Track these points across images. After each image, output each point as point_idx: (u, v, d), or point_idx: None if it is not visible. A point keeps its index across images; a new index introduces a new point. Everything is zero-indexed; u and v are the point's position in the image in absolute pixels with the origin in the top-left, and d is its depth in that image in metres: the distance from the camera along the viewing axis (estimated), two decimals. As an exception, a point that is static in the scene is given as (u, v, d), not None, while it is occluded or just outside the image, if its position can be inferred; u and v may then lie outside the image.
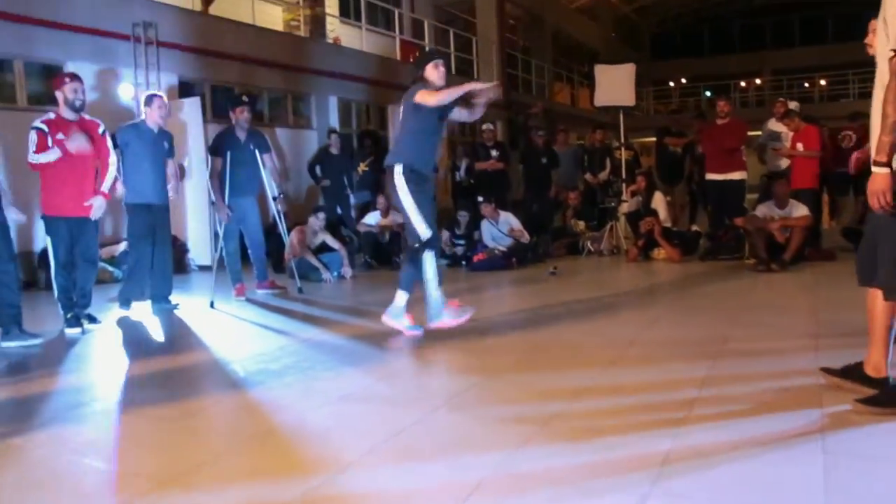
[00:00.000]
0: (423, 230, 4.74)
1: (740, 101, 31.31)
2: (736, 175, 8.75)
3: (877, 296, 3.02)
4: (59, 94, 5.46)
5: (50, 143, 5.28)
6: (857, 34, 3.96)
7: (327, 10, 14.46)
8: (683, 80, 34.45)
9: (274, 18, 14.08)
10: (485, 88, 4.78)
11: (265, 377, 3.91)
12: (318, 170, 11.12)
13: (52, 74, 8.60)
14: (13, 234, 5.17)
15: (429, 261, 4.78)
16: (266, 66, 11.77)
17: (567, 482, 2.40)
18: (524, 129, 12.42)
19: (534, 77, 23.03)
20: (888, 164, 2.81)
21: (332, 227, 8.80)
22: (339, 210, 10.44)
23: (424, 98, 4.65)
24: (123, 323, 5.80)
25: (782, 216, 7.69)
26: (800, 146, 8.64)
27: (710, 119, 9.91)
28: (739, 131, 8.87)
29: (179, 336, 5.36)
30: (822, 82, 31.48)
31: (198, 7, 11.51)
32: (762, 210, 7.87)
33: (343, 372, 3.99)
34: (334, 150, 11.16)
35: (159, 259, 6.25)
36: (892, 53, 2.76)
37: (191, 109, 9.30)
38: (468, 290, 7.24)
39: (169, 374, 4.19)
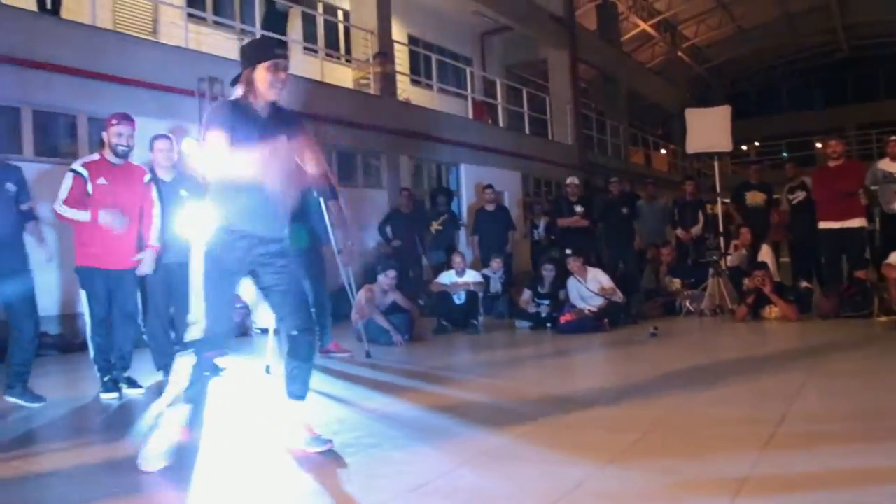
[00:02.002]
0: (198, 320, 3.10)
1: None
2: (855, 222, 7.76)
3: None
4: (104, 136, 4.97)
5: (89, 189, 4.77)
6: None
7: (398, 68, 14.12)
8: (756, 143, 33.13)
9: (343, 76, 13.77)
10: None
11: (318, 458, 3.10)
12: (388, 230, 10.57)
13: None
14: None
15: (181, 368, 3.11)
16: (336, 123, 11.34)
17: None
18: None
19: (609, 138, 22.31)
20: None
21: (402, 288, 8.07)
22: (410, 273, 9.80)
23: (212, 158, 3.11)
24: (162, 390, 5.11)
25: (922, 266, 6.63)
26: (928, 186, 7.63)
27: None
28: (856, 173, 7.93)
29: (221, 405, 4.62)
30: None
31: (266, 64, 11.20)
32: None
33: (416, 452, 3.15)
34: (405, 210, 10.61)
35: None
36: None
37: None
38: (556, 355, 6.37)
39: (195, 451, 3.43)
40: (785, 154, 30.46)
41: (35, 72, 7.74)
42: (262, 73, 3.11)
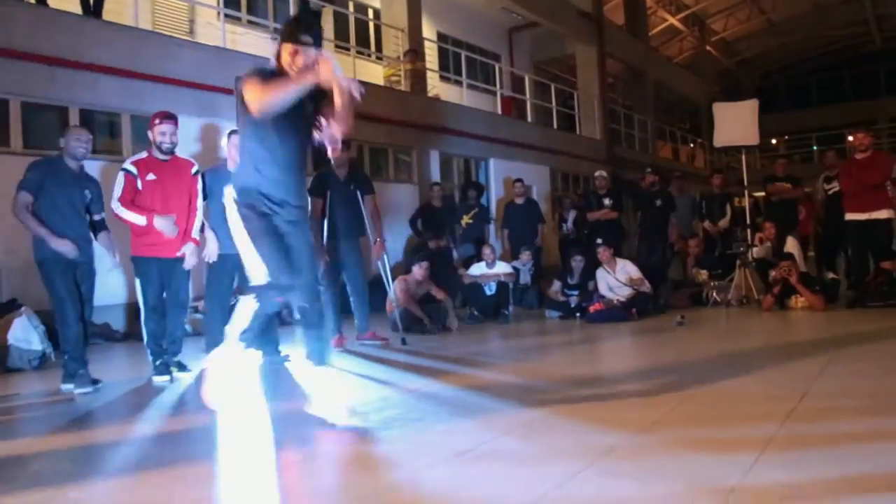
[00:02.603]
0: (257, 274, 3.35)
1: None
2: (882, 214, 7.87)
3: None
4: (150, 134, 5.25)
5: (139, 186, 5.05)
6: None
7: (427, 65, 14.34)
8: (786, 137, 32.84)
9: (375, 73, 14.03)
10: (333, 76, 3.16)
11: (366, 431, 3.34)
12: (419, 223, 10.79)
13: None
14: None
15: (244, 310, 3.36)
16: (368, 119, 11.58)
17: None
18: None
19: (636, 132, 22.37)
20: None
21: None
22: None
23: (251, 99, 3.24)
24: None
25: (947, 256, 6.73)
26: (959, 180, 7.71)
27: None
28: (884, 165, 7.99)
29: (268, 386, 4.88)
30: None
31: (300, 62, 11.47)
32: (921, 249, 6.93)
33: (458, 425, 3.38)
34: (436, 204, 10.82)
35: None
36: None
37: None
38: (585, 342, 6.56)
39: (244, 421, 3.69)
40: (815, 148, 30.26)
41: (82, 73, 8.06)
42: (284, 54, 3.30)
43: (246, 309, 3.35)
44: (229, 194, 3.51)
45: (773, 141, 32.43)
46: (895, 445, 2.71)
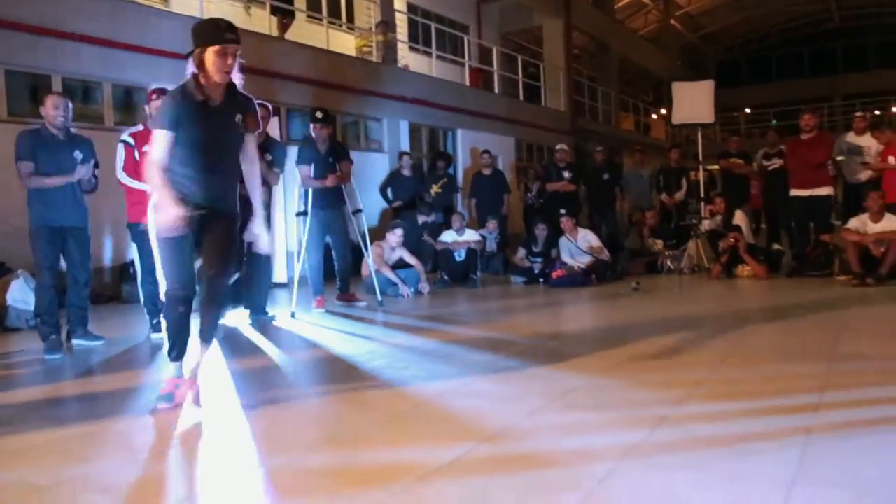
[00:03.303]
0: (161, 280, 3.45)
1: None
2: (823, 190, 8.46)
3: None
4: (147, 108, 5.60)
5: (137, 156, 5.43)
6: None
7: (398, 36, 14.64)
8: (748, 110, 33.67)
9: (347, 43, 14.30)
10: None
11: (359, 376, 3.83)
12: (389, 192, 11.19)
13: (134, 96, 9.00)
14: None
15: (164, 329, 3.47)
16: (339, 90, 11.93)
17: (722, 444, 2.51)
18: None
19: (600, 104, 22.92)
20: None
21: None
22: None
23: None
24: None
25: (876, 230, 7.36)
26: (892, 159, 8.32)
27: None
28: (826, 145, 8.58)
29: (267, 341, 5.32)
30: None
31: (275, 33, 11.75)
32: (854, 223, 7.54)
33: (438, 371, 3.89)
34: (406, 172, 11.23)
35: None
36: None
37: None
38: (547, 305, 7.09)
39: (265, 371, 4.17)
40: (773, 122, 31.12)
41: (64, 42, 8.29)
42: (210, 57, 3.17)
43: (164, 327, 3.45)
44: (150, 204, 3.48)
45: (736, 114, 33.26)
46: (802, 383, 3.30)
